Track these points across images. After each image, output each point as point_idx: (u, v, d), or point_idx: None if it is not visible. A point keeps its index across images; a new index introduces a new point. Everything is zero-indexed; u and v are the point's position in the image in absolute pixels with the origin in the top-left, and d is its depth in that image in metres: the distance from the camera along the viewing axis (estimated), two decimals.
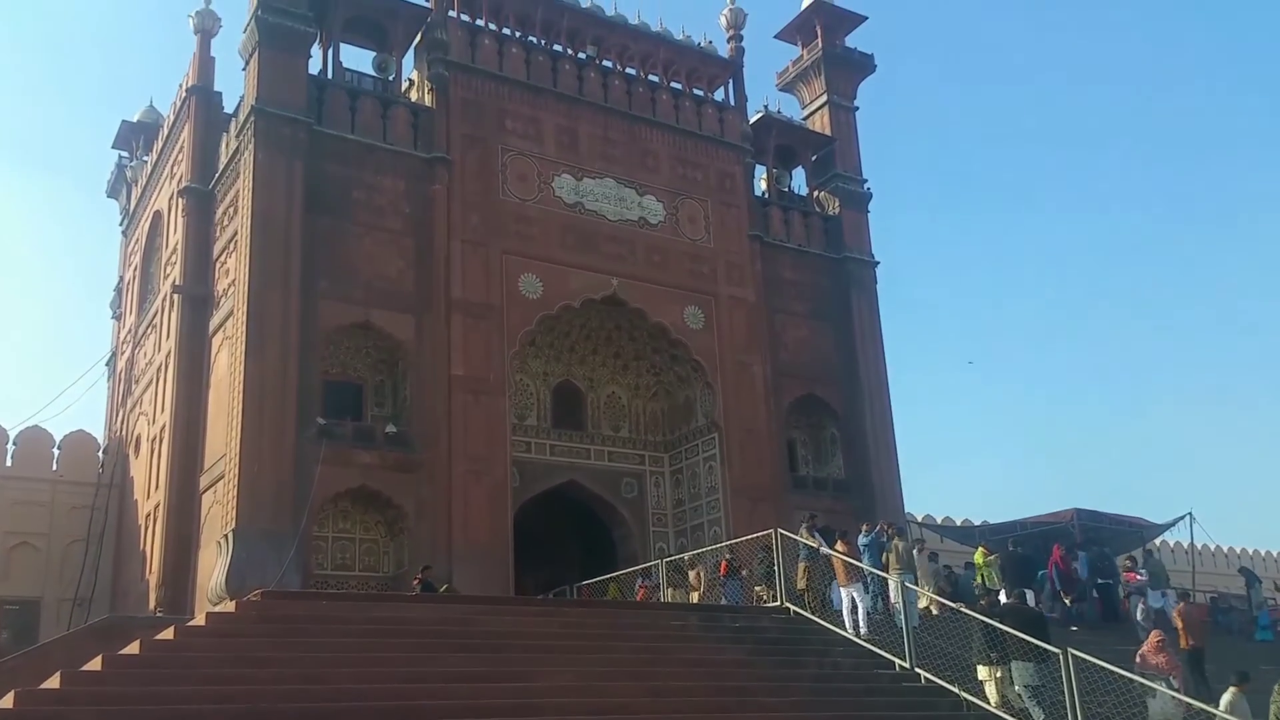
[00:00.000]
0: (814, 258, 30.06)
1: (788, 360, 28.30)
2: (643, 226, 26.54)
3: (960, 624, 14.97)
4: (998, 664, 13.59)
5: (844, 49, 32.95)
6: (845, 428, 28.74)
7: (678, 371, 27.29)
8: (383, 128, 23.93)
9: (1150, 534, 27.34)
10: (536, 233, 24.88)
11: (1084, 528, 24.22)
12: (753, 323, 27.61)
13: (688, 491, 27.03)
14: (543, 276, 24.63)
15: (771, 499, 25.99)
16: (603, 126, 26.81)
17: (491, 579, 21.51)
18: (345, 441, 21.58)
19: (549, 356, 26.67)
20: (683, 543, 26.12)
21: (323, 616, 14.47)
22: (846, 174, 31.49)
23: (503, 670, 13.04)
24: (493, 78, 25.46)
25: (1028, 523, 24.65)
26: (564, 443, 26.55)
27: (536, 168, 25.40)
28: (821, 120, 32.23)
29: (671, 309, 26.40)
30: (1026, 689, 13.19)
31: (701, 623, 16.61)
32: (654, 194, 27.00)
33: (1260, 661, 17.01)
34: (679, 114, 28.25)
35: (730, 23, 30.77)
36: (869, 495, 27.67)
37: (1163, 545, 32.58)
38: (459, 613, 15.86)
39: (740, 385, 26.86)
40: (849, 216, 30.99)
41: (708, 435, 26.70)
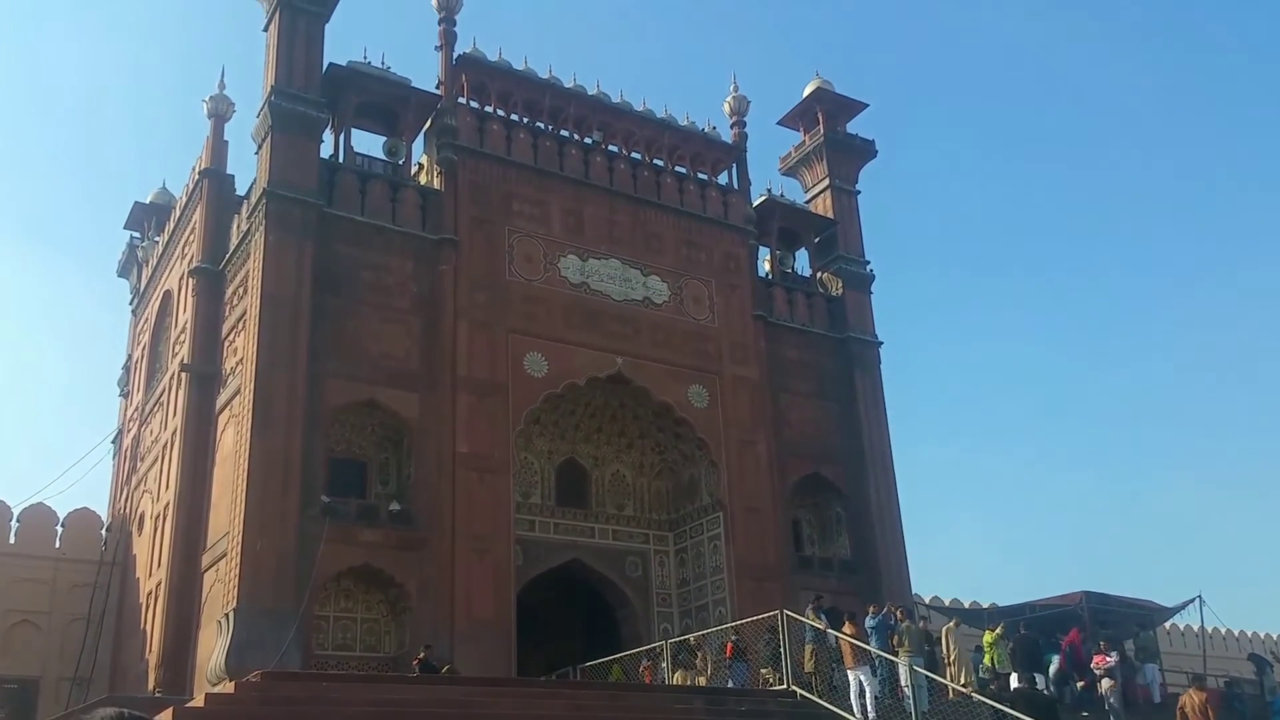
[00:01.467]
0: (818, 337, 30.26)
1: (792, 439, 28.33)
2: (647, 306, 26.80)
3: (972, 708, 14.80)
4: None
5: (845, 135, 33.54)
6: (850, 507, 28.65)
7: (682, 450, 27.32)
8: (392, 210, 24.35)
9: (1160, 617, 27.02)
10: (542, 312, 25.13)
11: (1093, 610, 23.96)
12: (757, 402, 27.70)
13: (692, 571, 26.88)
14: (548, 355, 24.81)
15: (777, 579, 25.84)
16: (608, 209, 27.22)
17: (494, 659, 21.31)
18: (349, 519, 21.58)
19: (553, 434, 26.74)
20: (687, 623, 25.90)
21: (322, 698, 14.37)
22: (849, 255, 31.84)
23: None
24: (500, 161, 25.95)
25: (1037, 605, 24.42)
26: (568, 521, 26.49)
27: (543, 248, 25.74)
28: (824, 203, 32.68)
29: (675, 388, 26.53)
30: None
31: (707, 705, 16.46)
32: (658, 274, 27.30)
33: None
34: (683, 197, 28.69)
35: (734, 109, 31.40)
36: (875, 576, 27.47)
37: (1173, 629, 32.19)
38: (460, 694, 15.75)
39: (744, 464, 26.87)
40: (852, 297, 31.28)
41: (712, 514, 26.63)
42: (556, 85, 27.83)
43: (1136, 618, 26.12)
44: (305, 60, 24.16)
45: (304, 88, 23.81)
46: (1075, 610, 23.69)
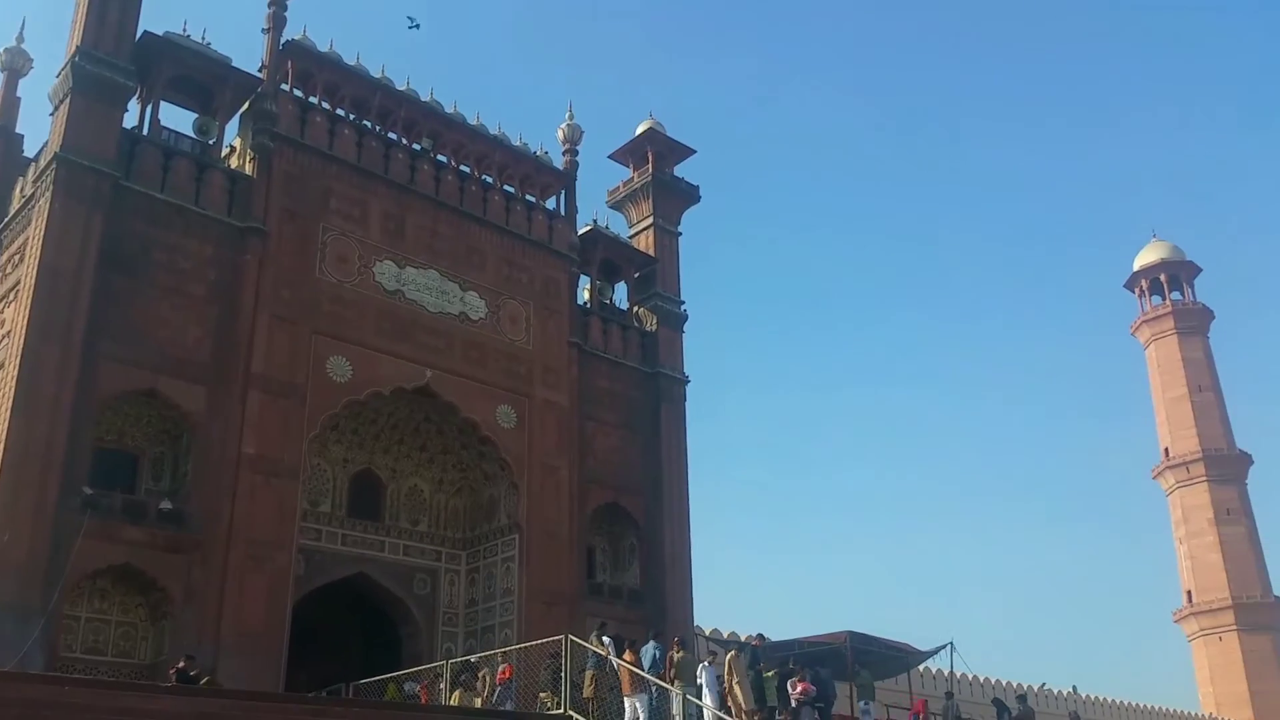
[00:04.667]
0: (629, 370, 30.39)
1: (595, 467, 28.27)
2: (463, 321, 26.28)
3: None
4: None
5: (672, 177, 34.12)
6: (644, 538, 28.79)
7: (485, 469, 26.84)
8: (196, 190, 23.05)
9: (914, 660, 28.18)
10: (351, 315, 24.26)
11: (856, 650, 24.75)
12: (564, 427, 27.52)
13: (482, 591, 26.34)
14: (353, 360, 23.96)
15: (567, 604, 25.62)
16: (432, 218, 26.61)
17: (261, 673, 20.23)
18: (113, 515, 20.13)
19: (351, 443, 25.81)
20: (472, 644, 25.34)
21: (64, 703, 13.28)
22: (666, 294, 32.24)
23: None
24: (320, 155, 24.99)
25: (805, 642, 25.03)
26: (357, 533, 25.56)
27: (358, 250, 24.90)
28: (646, 240, 33.01)
29: (484, 406, 26.07)
30: None
31: None
32: (477, 291, 26.84)
33: None
34: (509, 216, 28.36)
35: (567, 137, 31.38)
36: (661, 606, 27.64)
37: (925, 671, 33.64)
38: (217, 707, 14.83)
39: (546, 488, 26.61)
40: (665, 334, 31.62)
41: (508, 535, 26.22)
42: (388, 86, 27.12)
43: (895, 659, 27.15)
44: (118, 24, 22.68)
45: (113, 52, 22.35)
46: (840, 648, 24.39)
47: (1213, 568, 59.73)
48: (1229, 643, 58.44)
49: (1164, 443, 63.88)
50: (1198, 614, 59.89)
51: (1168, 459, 63.04)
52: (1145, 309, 66.58)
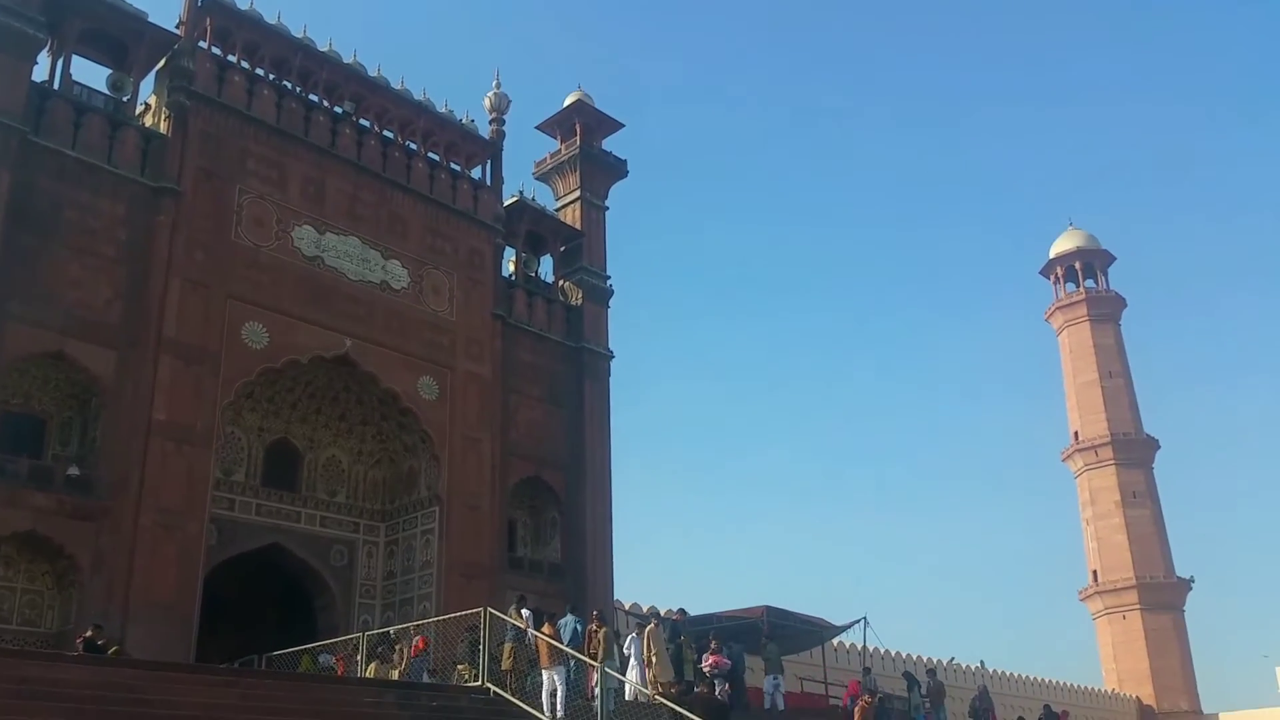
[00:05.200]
0: (553, 344, 30.26)
1: (517, 440, 28.13)
2: (384, 290, 25.88)
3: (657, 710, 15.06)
4: None
5: (600, 151, 33.94)
6: (566, 512, 28.77)
7: (405, 441, 26.52)
8: (109, 148, 22.30)
9: (829, 634, 28.67)
10: (268, 281, 23.74)
11: (772, 624, 25.08)
12: (486, 400, 27.32)
13: (401, 564, 26.09)
14: (270, 327, 23.46)
15: (487, 577, 25.50)
16: (353, 184, 26.12)
17: (171, 643, 19.79)
18: (18, 480, 19.51)
19: (267, 411, 25.30)
20: (390, 616, 25.11)
21: None
22: (592, 268, 32.13)
23: None
24: (238, 115, 24.33)
25: (723, 616, 25.28)
26: (273, 503, 25.09)
27: (276, 214, 24.35)
28: (573, 214, 32.84)
29: (405, 377, 25.75)
30: None
31: (398, 700, 15.93)
32: (399, 259, 26.45)
33: None
34: (434, 184, 27.96)
35: (494, 106, 31.01)
36: (581, 580, 27.68)
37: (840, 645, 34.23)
38: (126, 677, 14.46)
39: (467, 461, 26.40)
40: (590, 309, 31.53)
41: (428, 508, 25.98)
42: (309, 47, 26.48)
43: (810, 633, 27.58)
44: None
45: (23, 1, 21.46)
46: (757, 623, 24.69)
47: (1118, 548, 61.54)
48: (1132, 621, 60.34)
49: (1074, 426, 65.54)
50: (1103, 593, 61.72)
51: (1077, 442, 64.70)
52: (1059, 296, 68.09)
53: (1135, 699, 58.16)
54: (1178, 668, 59.54)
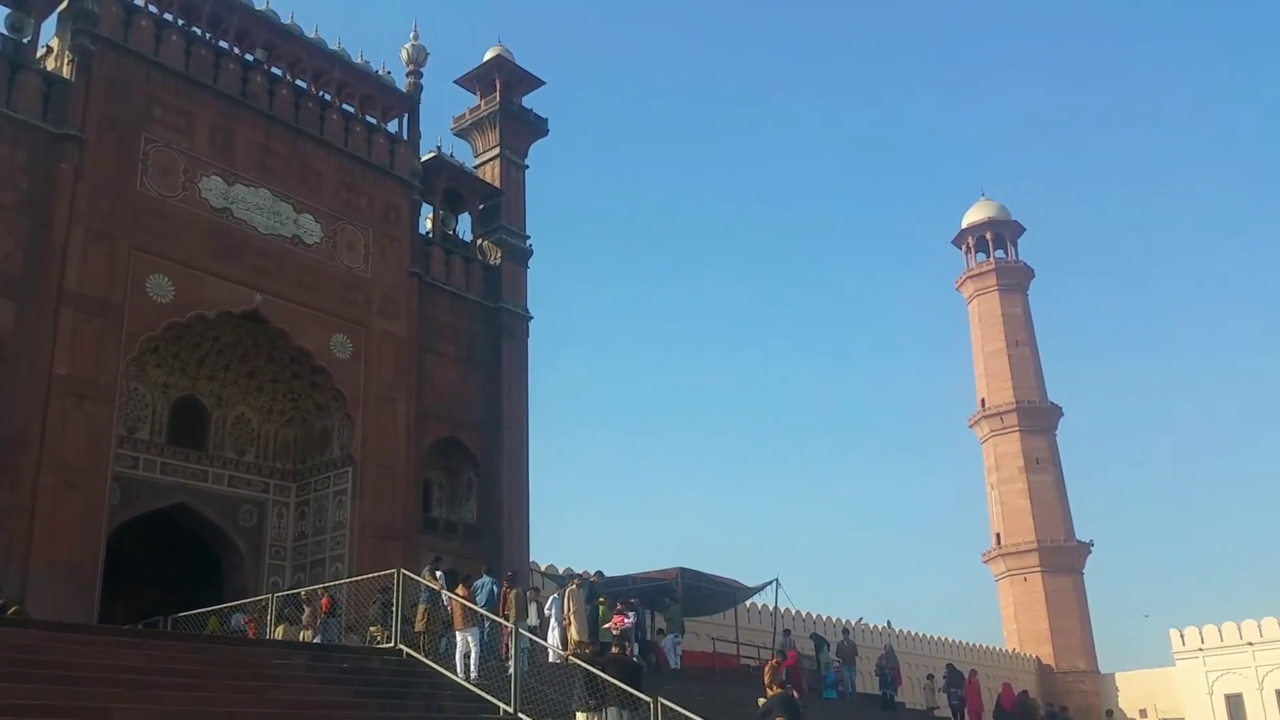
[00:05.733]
0: (471, 304, 29.91)
1: (433, 401, 27.82)
2: (296, 245, 25.28)
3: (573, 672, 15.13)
4: (595, 710, 13.82)
5: (520, 108, 33.48)
6: (483, 473, 28.59)
7: (317, 399, 26.05)
8: (7, 92, 21.33)
9: (742, 595, 29.04)
10: (175, 233, 23.01)
11: (686, 585, 25.30)
12: (402, 359, 26.93)
13: (312, 525, 25.70)
14: (176, 280, 22.78)
15: (401, 539, 25.24)
16: (264, 134, 25.39)
17: (74, 604, 19.23)
18: None
19: (173, 367, 24.63)
20: (300, 577, 24.74)
21: None
22: (511, 228, 31.78)
23: (74, 705, 11.59)
24: (145, 61, 23.44)
25: (638, 578, 25.45)
26: (179, 462, 24.49)
27: (184, 164, 23.58)
28: (492, 171, 32.40)
29: (318, 334, 25.24)
30: None
31: (308, 662, 15.74)
32: (312, 213, 25.84)
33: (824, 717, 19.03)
34: (348, 137, 27.33)
35: (411, 58, 30.36)
36: (498, 542, 27.57)
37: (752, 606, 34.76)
38: (26, 638, 13.99)
39: (382, 421, 26.04)
40: (509, 269, 31.21)
41: (341, 468, 25.59)
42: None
43: (724, 595, 27.91)
44: None
45: None
46: (671, 584, 24.89)
47: (1021, 512, 63.35)
48: (1033, 583, 62.29)
49: (981, 393, 67.10)
50: (1005, 555, 63.55)
51: (984, 409, 66.28)
52: (970, 265, 69.42)
53: (1035, 658, 60.17)
54: (1076, 628, 61.70)
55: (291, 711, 13.53)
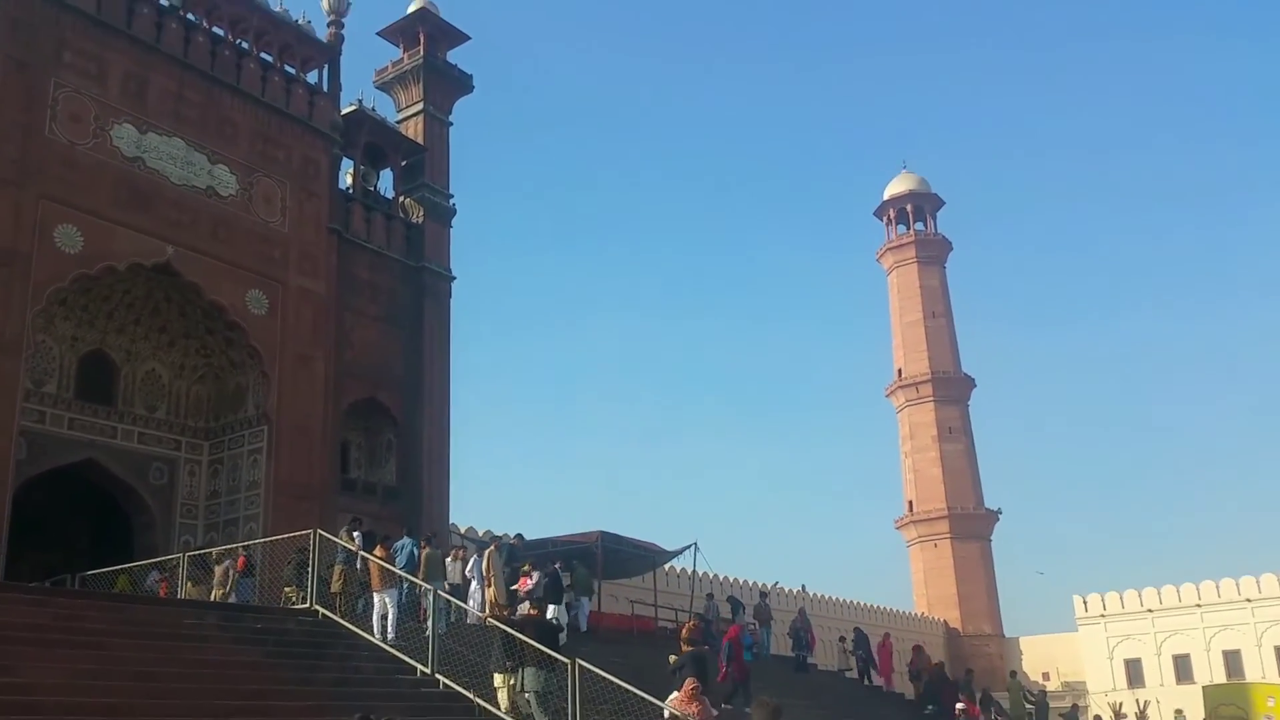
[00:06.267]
0: (392, 262, 29.45)
1: (353, 361, 27.40)
2: (211, 196, 24.58)
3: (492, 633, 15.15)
4: (512, 671, 13.87)
5: (444, 63, 32.92)
6: (402, 434, 28.30)
7: (231, 356, 25.47)
8: None
9: (661, 559, 29.27)
10: (84, 181, 22.21)
11: (606, 549, 25.39)
12: (320, 317, 26.43)
13: (226, 484, 25.20)
14: (85, 231, 22.01)
15: (318, 499, 24.87)
16: (178, 82, 24.57)
17: None
18: None
19: (81, 320, 23.86)
20: (213, 537, 24.26)
21: None
22: (434, 186, 31.31)
23: None
24: (54, 3, 22.45)
25: (559, 540, 25.48)
26: (87, 417, 23.77)
27: (94, 110, 22.73)
28: (415, 127, 31.85)
29: (233, 289, 24.64)
30: (535, 695, 13.55)
31: (221, 622, 15.54)
32: (228, 165, 25.13)
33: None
34: (266, 87, 26.58)
35: (332, 7, 29.62)
36: (417, 503, 27.38)
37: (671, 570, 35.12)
38: None
39: (299, 379, 25.57)
40: (432, 228, 30.77)
41: (256, 427, 25.10)
42: None
43: (643, 558, 28.11)
44: None
45: None
46: (591, 548, 24.97)
47: (933, 480, 64.78)
48: (943, 549, 63.84)
49: (898, 363, 68.26)
50: (917, 522, 65.00)
51: (900, 379, 67.46)
52: (890, 237, 70.36)
53: (943, 622, 61.79)
54: (983, 594, 63.46)
55: (204, 671, 13.35)
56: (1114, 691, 51.04)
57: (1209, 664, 53.00)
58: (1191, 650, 54.21)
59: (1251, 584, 53.80)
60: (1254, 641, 52.67)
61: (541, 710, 13.44)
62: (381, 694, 14.13)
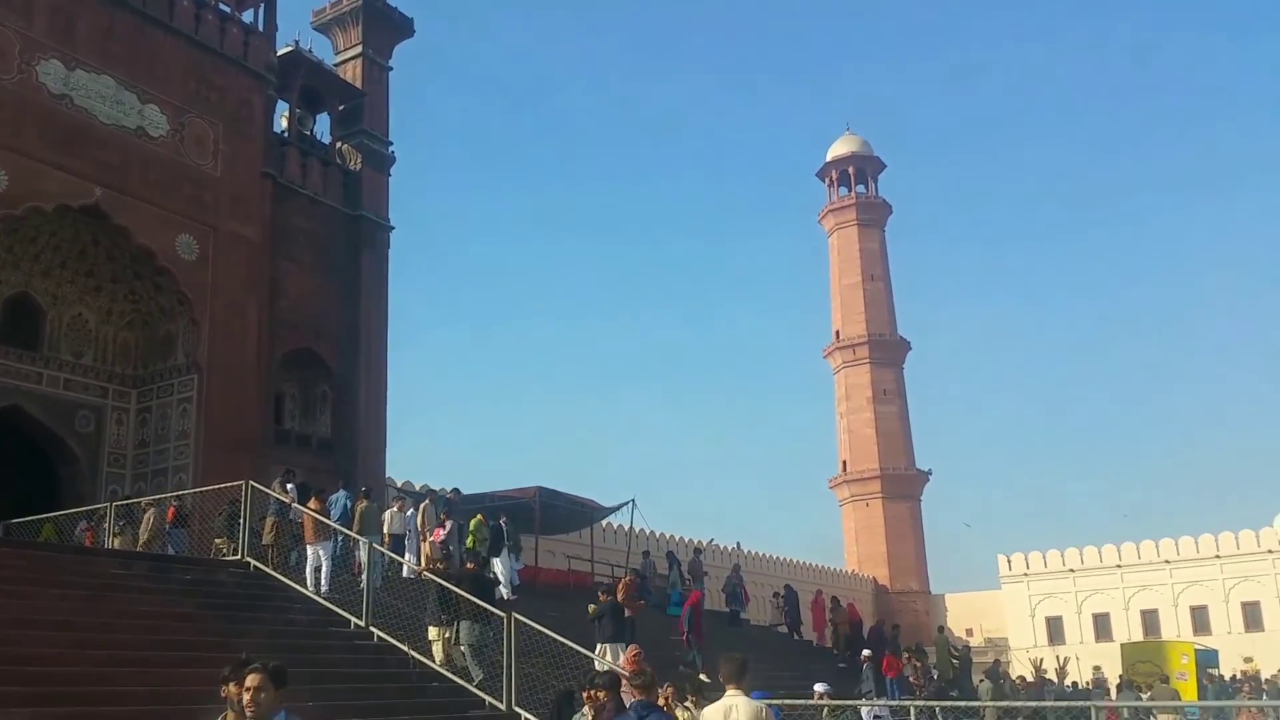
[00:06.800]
0: (329, 210, 28.85)
1: (287, 310, 26.87)
2: (141, 137, 23.83)
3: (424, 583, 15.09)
4: (447, 625, 13.84)
5: (385, 5, 32.11)
6: (338, 386, 27.89)
7: (160, 302, 24.84)
8: None
9: (599, 515, 29.33)
10: (8, 118, 21.41)
11: (544, 504, 25.36)
12: (253, 264, 25.84)
13: (155, 433, 24.66)
14: (10, 170, 21.26)
15: (250, 450, 24.41)
16: (108, 18, 23.72)
17: None
18: None
19: (5, 262, 23.09)
20: (141, 487, 23.77)
21: None
22: (373, 132, 30.65)
23: None
24: None
25: (497, 495, 25.40)
26: (11, 363, 23.07)
27: (20, 45, 21.85)
28: (353, 71, 31.11)
29: (162, 234, 23.97)
30: (469, 648, 13.54)
31: (150, 573, 15.20)
32: (159, 105, 24.36)
33: (672, 632, 20.02)
34: (200, 25, 25.75)
35: None
36: (353, 456, 27.06)
37: (608, 526, 35.26)
38: None
39: (231, 328, 25.02)
40: (369, 175, 30.17)
41: (186, 376, 24.57)
42: None
43: (580, 514, 28.14)
44: None
45: None
46: (529, 503, 24.92)
47: (867, 441, 65.68)
48: (874, 508, 64.89)
49: (836, 325, 68.85)
50: (850, 481, 65.93)
51: (838, 340, 68.09)
52: (832, 199, 70.64)
53: (872, 579, 62.94)
54: (911, 552, 64.72)
55: (133, 622, 13.08)
56: (1035, 648, 52.42)
57: (1128, 623, 54.67)
58: (1111, 609, 55.85)
59: (1170, 546, 55.47)
60: (1171, 601, 54.40)
61: (476, 663, 13.45)
62: (315, 646, 13.99)
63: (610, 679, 7.69)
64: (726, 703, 7.21)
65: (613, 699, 7.48)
